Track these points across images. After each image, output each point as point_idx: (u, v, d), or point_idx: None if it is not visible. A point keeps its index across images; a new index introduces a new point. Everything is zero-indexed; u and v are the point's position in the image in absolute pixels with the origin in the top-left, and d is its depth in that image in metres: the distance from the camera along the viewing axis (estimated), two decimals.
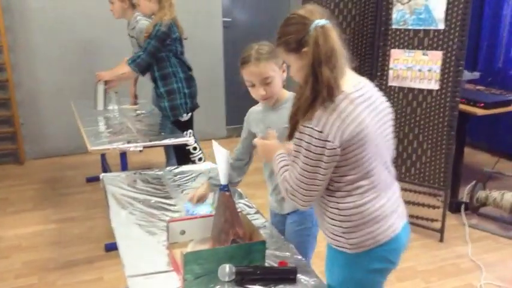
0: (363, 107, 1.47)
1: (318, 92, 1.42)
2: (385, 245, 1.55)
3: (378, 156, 1.52)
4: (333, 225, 1.55)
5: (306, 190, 1.49)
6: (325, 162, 1.43)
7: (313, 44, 1.42)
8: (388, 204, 1.56)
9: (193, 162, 3.74)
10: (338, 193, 1.51)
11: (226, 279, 1.57)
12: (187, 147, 3.69)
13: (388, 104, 1.59)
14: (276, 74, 1.86)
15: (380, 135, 1.53)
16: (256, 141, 1.79)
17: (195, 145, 3.72)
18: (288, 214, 2.03)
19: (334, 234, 1.56)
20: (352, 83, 1.50)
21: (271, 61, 1.85)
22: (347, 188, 1.50)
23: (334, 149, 1.42)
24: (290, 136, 1.50)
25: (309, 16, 1.45)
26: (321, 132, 1.41)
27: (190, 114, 3.68)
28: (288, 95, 1.95)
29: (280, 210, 2.04)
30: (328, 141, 1.41)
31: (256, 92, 1.91)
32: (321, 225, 1.63)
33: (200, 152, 3.77)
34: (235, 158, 2.06)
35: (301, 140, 1.45)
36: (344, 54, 1.46)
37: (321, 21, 1.43)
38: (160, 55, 3.44)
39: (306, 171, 1.46)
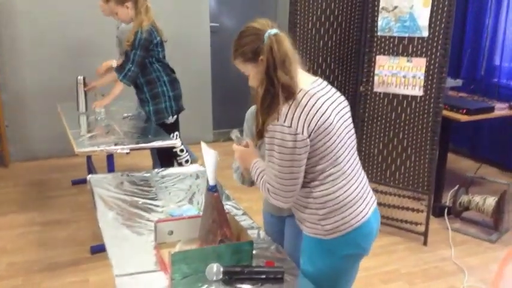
0: (323, 100, 1.60)
1: (272, 94, 1.55)
2: (358, 229, 1.66)
3: (343, 144, 1.65)
4: (310, 214, 1.66)
5: (286, 186, 1.59)
6: (298, 154, 1.55)
7: (267, 51, 1.56)
8: (358, 189, 1.69)
9: (180, 164, 3.76)
10: (311, 183, 1.63)
11: (214, 278, 1.59)
12: (174, 150, 3.71)
13: (343, 97, 1.72)
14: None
15: (342, 125, 1.65)
16: (234, 147, 1.86)
17: (182, 147, 3.74)
18: (288, 216, 2.02)
19: (310, 222, 1.67)
20: (308, 81, 1.64)
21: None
22: (319, 177, 1.62)
23: (304, 139, 1.54)
24: (259, 135, 1.63)
25: (261, 27, 1.60)
26: (290, 127, 1.53)
27: (175, 116, 3.70)
28: None
29: (279, 213, 2.02)
30: (298, 133, 1.53)
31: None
32: (297, 216, 1.74)
33: (187, 154, 3.80)
34: None
35: (273, 138, 1.55)
36: (296, 58, 1.60)
37: (273, 31, 1.58)
38: (145, 61, 3.47)
39: (283, 167, 1.56)
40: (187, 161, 3.81)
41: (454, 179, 4.11)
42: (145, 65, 3.48)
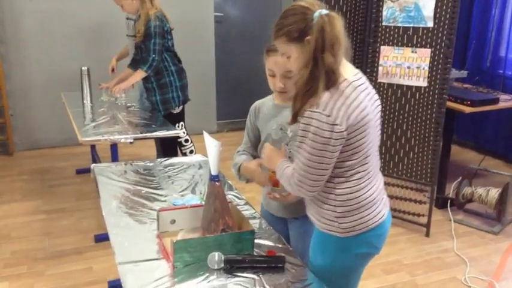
0: (364, 95, 1.55)
1: (316, 77, 1.47)
2: (373, 230, 1.63)
3: (373, 143, 1.61)
4: (328, 210, 1.61)
5: (313, 175, 1.52)
6: (332, 146, 1.48)
7: (317, 30, 1.46)
8: (377, 190, 1.66)
9: (185, 154, 3.78)
10: (336, 179, 1.58)
11: (215, 267, 1.60)
12: (179, 139, 3.72)
13: (377, 95, 1.67)
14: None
15: (375, 123, 1.61)
16: (266, 145, 1.79)
17: (187, 137, 3.75)
18: (291, 218, 2.01)
19: (326, 219, 1.63)
20: (352, 72, 1.57)
21: None
22: (346, 174, 1.57)
23: (342, 132, 1.47)
24: (293, 119, 1.54)
25: (310, 7, 1.51)
26: (328, 116, 1.46)
27: (181, 107, 3.70)
28: None
29: (280, 213, 2.00)
30: (336, 124, 1.46)
31: (275, 83, 1.87)
32: (311, 210, 1.69)
33: (191, 144, 3.81)
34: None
35: (308, 125, 1.48)
36: (345, 44, 1.51)
37: (324, 11, 1.49)
38: None
39: (313, 155, 1.49)
40: (191, 151, 3.81)
41: (458, 170, 4.11)
42: None
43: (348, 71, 1.56)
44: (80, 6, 4.73)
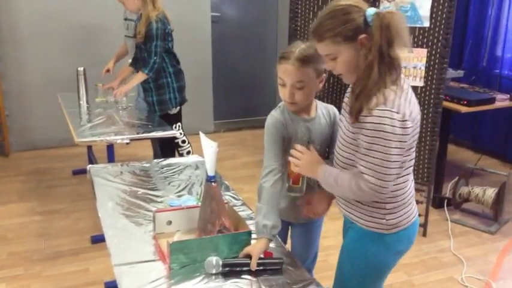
0: (412, 92, 1.57)
1: (382, 74, 1.48)
2: (413, 224, 1.68)
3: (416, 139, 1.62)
4: (376, 207, 1.61)
5: (388, 175, 1.49)
6: (404, 142, 1.48)
7: (380, 28, 1.46)
8: (412, 184, 1.69)
9: (181, 155, 3.77)
10: None
11: (213, 271, 1.58)
12: (176, 140, 3.72)
13: None
14: (310, 81, 1.76)
15: None
16: (302, 149, 1.70)
17: (184, 138, 3.75)
18: (294, 224, 2.03)
19: (373, 217, 1.62)
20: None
21: (311, 66, 1.74)
22: (399, 169, 1.55)
23: (410, 127, 1.49)
24: (356, 118, 1.50)
25: (360, 5, 1.51)
26: (398, 113, 1.45)
27: (178, 108, 3.70)
28: (316, 104, 1.90)
29: (284, 217, 1.93)
30: (406, 120, 1.46)
31: (284, 93, 1.78)
32: (353, 210, 1.66)
33: (188, 145, 3.81)
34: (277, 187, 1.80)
35: (380, 124, 1.45)
36: (408, 38, 1.52)
37: (373, 9, 1.50)
38: None
39: (389, 154, 1.47)
40: (188, 152, 3.81)
41: (454, 170, 4.11)
42: None
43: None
44: (76, 6, 4.71)
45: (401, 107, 1.46)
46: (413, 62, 3.22)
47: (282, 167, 1.80)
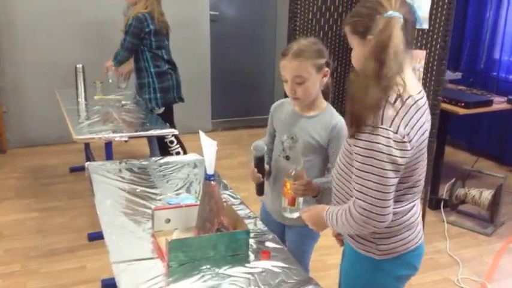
0: (425, 116, 1.42)
1: (378, 86, 1.32)
2: (413, 251, 1.54)
3: (425, 166, 1.50)
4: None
5: (384, 201, 1.35)
6: (399, 164, 1.33)
7: (380, 32, 1.33)
8: (418, 211, 1.55)
9: (171, 155, 3.78)
10: None
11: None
12: (165, 140, 3.71)
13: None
14: (310, 76, 1.76)
15: (427, 144, 1.49)
16: (304, 216, 1.66)
17: (172, 139, 3.71)
18: (288, 226, 2.03)
19: (363, 239, 1.52)
20: (417, 89, 1.43)
21: (309, 61, 1.74)
22: (396, 194, 1.41)
23: (409, 150, 1.34)
24: (352, 134, 1.37)
25: (386, 4, 1.36)
26: (395, 133, 1.32)
27: (164, 108, 3.72)
28: (326, 107, 1.89)
29: (279, 218, 2.02)
30: (405, 141, 1.33)
31: (287, 89, 1.81)
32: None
33: (178, 146, 3.78)
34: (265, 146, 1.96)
35: (374, 142, 1.32)
36: (405, 55, 1.35)
37: (394, 13, 1.33)
38: (138, 49, 3.58)
39: (383, 177, 1.33)
40: (178, 153, 3.80)
41: (451, 172, 4.12)
42: (137, 52, 3.59)
43: (414, 88, 1.41)
44: (75, 3, 4.71)
45: (401, 128, 1.32)
46: (411, 63, 3.22)
47: (270, 145, 2.02)
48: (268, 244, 1.78)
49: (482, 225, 3.56)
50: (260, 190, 2.04)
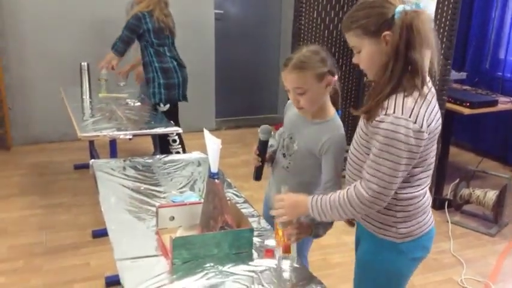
0: (436, 102, 1.49)
1: (398, 77, 1.41)
2: (427, 233, 1.63)
3: (435, 150, 1.56)
4: (385, 214, 1.56)
5: (392, 183, 1.44)
6: (415, 152, 1.42)
7: (402, 26, 1.39)
8: (430, 195, 1.64)
9: (171, 154, 3.82)
10: (400, 183, 1.50)
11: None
12: (167, 138, 3.73)
13: None
14: (311, 87, 1.75)
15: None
16: (279, 197, 1.66)
17: (175, 138, 3.74)
18: None
19: (384, 224, 1.59)
20: (428, 78, 1.49)
21: (309, 72, 1.74)
22: (410, 179, 1.51)
23: (425, 139, 1.42)
24: (368, 115, 1.45)
25: (392, 0, 1.43)
26: (415, 123, 1.39)
27: (168, 105, 3.74)
28: (331, 115, 1.87)
29: None
30: (422, 131, 1.40)
31: (291, 99, 1.85)
32: (364, 217, 1.63)
33: (179, 146, 3.79)
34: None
35: (394, 132, 1.39)
36: (435, 44, 1.44)
37: (405, 7, 1.41)
38: (141, 44, 3.69)
39: (396, 163, 1.41)
40: (177, 153, 3.81)
41: (455, 172, 4.12)
42: (141, 47, 3.69)
43: (427, 75, 1.48)
44: (80, 1, 4.72)
45: (419, 117, 1.39)
46: None
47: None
48: (272, 242, 1.78)
49: (486, 225, 3.56)
50: (257, 175, 2.01)
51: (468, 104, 3.63)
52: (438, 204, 3.76)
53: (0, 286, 2.70)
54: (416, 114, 1.39)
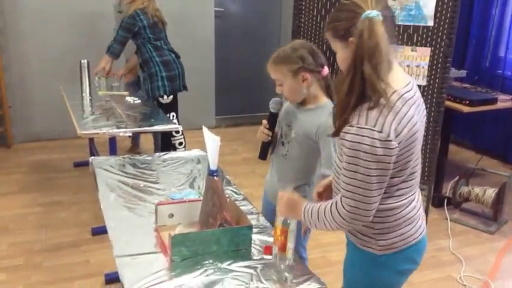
0: (414, 108, 1.41)
1: (355, 89, 1.34)
2: (414, 246, 1.54)
3: (418, 157, 1.50)
4: (365, 226, 1.48)
5: (369, 197, 1.37)
6: (386, 163, 1.35)
7: (357, 36, 1.33)
8: (418, 205, 1.56)
9: (174, 145, 3.89)
10: None
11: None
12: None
13: (424, 105, 1.53)
14: (286, 79, 1.91)
15: (421, 138, 1.49)
16: (282, 194, 1.63)
17: (178, 129, 3.79)
18: None
19: (362, 234, 1.53)
20: (403, 82, 1.43)
21: (282, 66, 1.90)
22: (388, 189, 1.44)
23: (395, 148, 1.34)
24: (337, 132, 1.39)
25: (363, 5, 1.35)
26: (380, 132, 1.32)
27: (171, 97, 3.82)
28: (324, 102, 1.96)
29: (274, 200, 2.05)
30: (390, 140, 1.33)
31: (277, 88, 1.98)
32: None
33: (182, 136, 3.92)
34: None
35: (359, 143, 1.33)
36: (389, 52, 1.35)
37: (372, 13, 1.33)
38: (137, 43, 3.74)
39: (368, 175, 1.35)
40: (181, 144, 3.91)
41: (455, 170, 4.12)
42: (138, 46, 3.75)
43: (399, 81, 1.41)
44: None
45: (386, 125, 1.32)
46: (416, 60, 3.22)
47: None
48: (271, 239, 1.78)
49: (485, 223, 3.56)
50: (264, 152, 2.09)
51: (468, 102, 3.64)
52: (437, 201, 3.76)
53: (0, 283, 2.71)
54: (382, 123, 1.33)
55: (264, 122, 2.06)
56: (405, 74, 1.49)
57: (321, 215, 1.47)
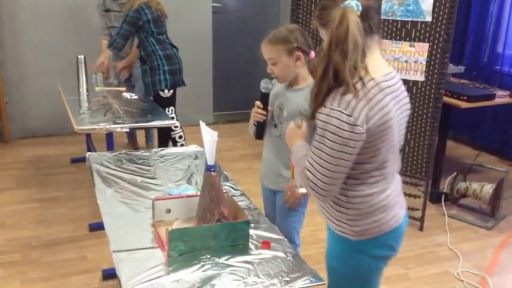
0: (390, 98, 1.45)
1: (329, 73, 1.38)
2: (389, 233, 1.58)
3: (393, 147, 1.53)
4: (338, 211, 1.56)
5: (329, 178, 1.43)
6: (351, 147, 1.39)
7: (331, 24, 1.38)
8: (394, 193, 1.59)
9: (174, 139, 3.90)
10: (350, 180, 1.50)
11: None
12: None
13: (408, 98, 1.57)
14: (280, 58, 2.01)
15: (398, 127, 1.53)
16: (291, 124, 1.74)
17: (177, 123, 3.80)
18: (280, 192, 2.17)
19: (338, 220, 1.58)
20: (383, 72, 1.47)
21: (278, 45, 2.00)
22: (361, 176, 1.50)
23: (362, 133, 1.39)
24: (313, 115, 1.45)
25: None
26: (349, 116, 1.36)
27: (171, 91, 3.83)
28: (310, 81, 2.03)
29: (272, 186, 2.22)
30: (357, 125, 1.37)
31: (267, 69, 2.07)
32: (323, 210, 1.64)
33: (181, 130, 3.94)
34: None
35: (327, 123, 1.39)
36: (360, 43, 1.36)
37: (351, 3, 1.37)
38: (140, 36, 3.73)
39: (331, 156, 1.41)
40: (180, 137, 3.93)
41: (453, 165, 4.12)
42: (141, 39, 3.74)
43: (378, 70, 1.45)
44: None
45: (356, 110, 1.36)
46: (414, 56, 3.21)
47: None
48: (268, 234, 1.78)
49: (483, 219, 3.56)
50: (260, 132, 2.14)
51: (466, 98, 3.63)
52: (435, 197, 3.76)
53: None
54: (353, 108, 1.37)
55: (258, 103, 2.12)
56: (388, 66, 1.54)
57: (299, 166, 1.55)
